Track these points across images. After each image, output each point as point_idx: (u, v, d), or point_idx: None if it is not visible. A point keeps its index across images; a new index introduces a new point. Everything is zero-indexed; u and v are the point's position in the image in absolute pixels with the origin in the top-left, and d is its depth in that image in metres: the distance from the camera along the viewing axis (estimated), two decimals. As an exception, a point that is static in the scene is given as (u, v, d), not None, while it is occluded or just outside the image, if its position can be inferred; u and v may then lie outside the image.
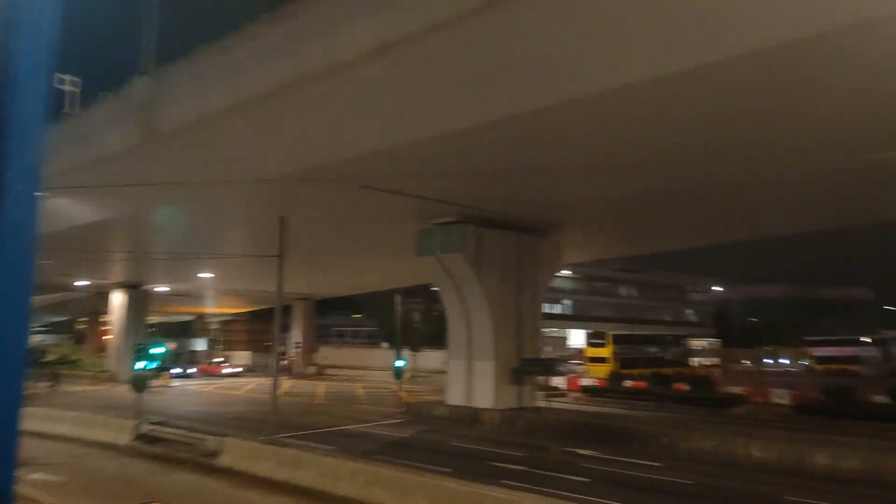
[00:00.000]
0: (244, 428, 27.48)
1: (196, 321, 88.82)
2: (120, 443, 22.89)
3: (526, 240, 29.21)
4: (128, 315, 50.50)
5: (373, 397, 41.48)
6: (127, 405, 35.89)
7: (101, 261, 43.32)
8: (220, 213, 26.27)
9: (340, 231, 29.80)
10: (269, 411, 34.75)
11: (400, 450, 22.61)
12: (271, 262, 45.10)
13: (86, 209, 27.36)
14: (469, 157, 20.27)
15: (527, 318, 29.25)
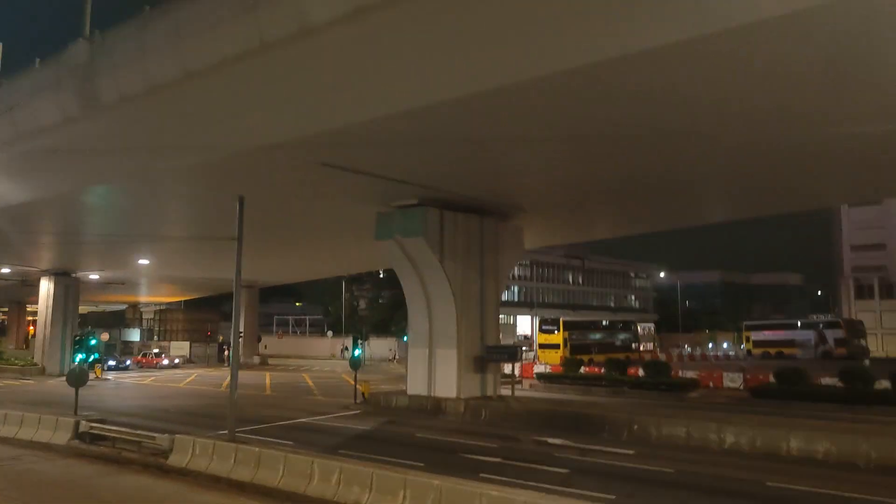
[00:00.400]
0: (192, 423, 25.84)
1: (128, 310, 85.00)
2: (58, 443, 21.01)
3: (488, 224, 28.41)
4: (56, 304, 47.42)
5: (324, 388, 40.14)
6: (60, 401, 33.57)
7: (28, 246, 40.43)
8: (166, 192, 24.39)
9: (295, 214, 28.33)
10: (216, 405, 33.22)
11: (364, 443, 21.51)
12: (214, 248, 43.03)
13: (13, 188, 25.08)
14: (435, 135, 19.26)
15: (489, 304, 28.49)
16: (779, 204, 31.95)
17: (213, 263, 49.31)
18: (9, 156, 21.97)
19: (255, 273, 56.39)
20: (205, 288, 66.55)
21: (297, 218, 29.31)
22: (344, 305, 77.87)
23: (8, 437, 22.15)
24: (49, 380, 44.62)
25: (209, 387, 41.40)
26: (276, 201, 26.40)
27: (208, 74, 17.41)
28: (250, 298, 60.88)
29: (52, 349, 46.62)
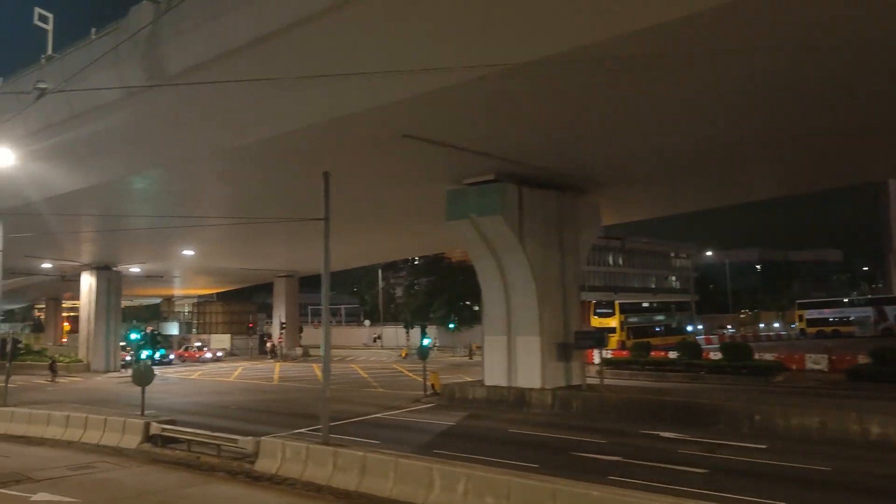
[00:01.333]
0: (259, 421, 24.27)
1: (163, 304, 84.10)
2: (128, 447, 19.44)
3: (566, 200, 26.35)
4: (99, 299, 46.16)
5: (380, 379, 38.45)
6: (114, 399, 32.22)
7: (71, 239, 39.04)
8: (232, 173, 22.57)
9: (359, 198, 26.41)
10: (277, 399, 31.65)
11: (456, 441, 19.69)
12: (260, 237, 41.46)
13: (63, 175, 23.45)
14: (518, 102, 17.37)
15: (570, 287, 26.48)
16: (831, 177, 30.24)
17: (253, 254, 47.87)
18: (63, 139, 20.29)
19: (295, 262, 54.85)
20: (241, 280, 65.22)
21: (360, 202, 27.39)
22: (381, 294, 76.25)
23: (73, 440, 20.63)
24: (96, 376, 43.44)
25: (260, 381, 39.91)
26: (343, 183, 24.51)
27: (284, 37, 15.48)
28: (290, 288, 59.39)
29: (96, 345, 45.41)
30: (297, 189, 24.43)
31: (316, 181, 23.32)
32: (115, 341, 46.33)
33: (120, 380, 41.38)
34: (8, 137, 21.25)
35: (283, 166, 21.90)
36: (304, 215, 22.82)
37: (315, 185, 23.23)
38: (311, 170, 22.03)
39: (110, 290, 46.80)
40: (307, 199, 25.71)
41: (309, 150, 19.94)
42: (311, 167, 21.57)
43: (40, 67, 20.19)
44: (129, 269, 48.68)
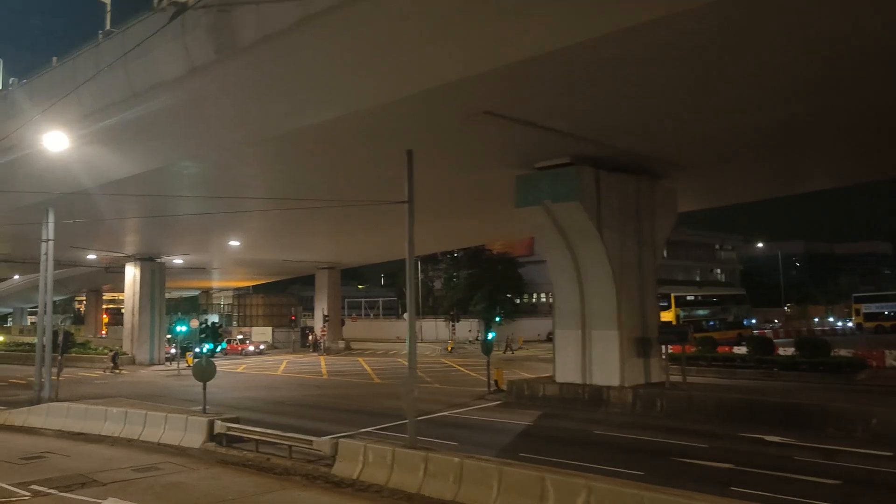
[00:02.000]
0: (321, 418, 23.15)
1: (201, 296, 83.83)
2: (191, 446, 18.34)
3: (643, 185, 24.70)
4: (143, 291, 45.52)
5: (434, 374, 37.12)
6: (164, 393, 31.34)
7: (116, 228, 38.35)
8: (299, 155, 21.25)
9: (421, 181, 24.93)
10: (334, 395, 30.46)
11: (539, 443, 18.26)
12: (303, 228, 40.33)
13: (119, 160, 22.40)
14: (612, 73, 15.88)
15: (648, 278, 24.85)
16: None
17: (296, 245, 46.85)
18: (119, 121, 19.19)
19: (338, 254, 53.82)
20: (279, 272, 64.47)
21: (418, 189, 25.95)
22: (420, 286, 74.92)
23: (132, 438, 19.63)
24: (141, 369, 42.82)
25: (309, 375, 38.84)
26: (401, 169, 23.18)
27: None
28: (332, 280, 58.39)
29: (141, 337, 44.80)
30: (364, 172, 23.17)
31: (384, 163, 22.06)
32: (159, 334, 45.69)
33: (167, 373, 40.69)
34: (62, 120, 20.25)
35: (352, 148, 20.55)
36: (366, 199, 21.59)
37: (384, 168, 22.01)
38: (381, 152, 20.84)
39: (154, 282, 46.14)
40: (372, 182, 24.63)
41: (383, 129, 18.57)
42: (381, 148, 20.35)
43: (97, 44, 19.10)
44: (173, 260, 48.00)
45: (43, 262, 26.80)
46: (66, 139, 20.67)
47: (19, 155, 22.42)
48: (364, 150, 20.71)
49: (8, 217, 29.73)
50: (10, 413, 23.16)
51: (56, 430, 21.34)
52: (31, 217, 31.34)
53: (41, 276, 27.12)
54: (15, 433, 21.32)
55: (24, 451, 18.32)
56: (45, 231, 26.81)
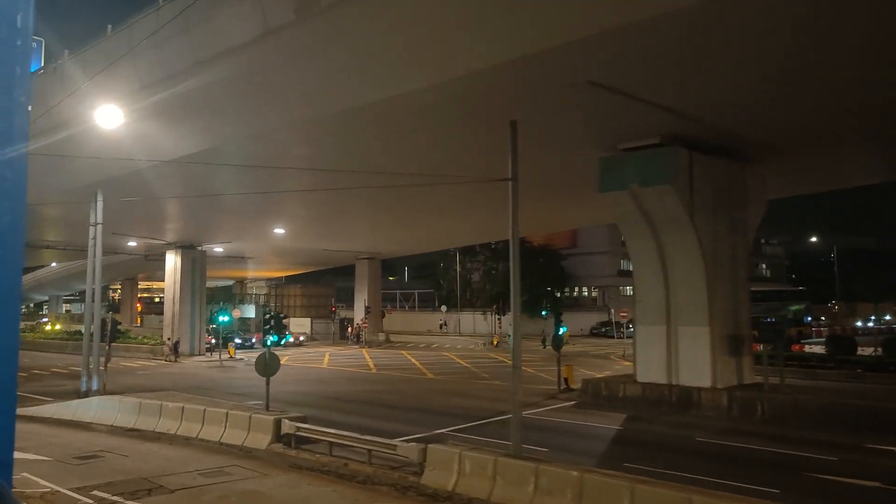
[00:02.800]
0: (382, 416, 21.57)
1: (235, 286, 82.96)
2: (256, 447, 16.83)
3: (735, 169, 22.68)
4: (184, 279, 44.36)
5: (489, 370, 35.40)
6: (212, 386, 29.98)
7: (158, 214, 37.17)
8: (372, 130, 19.49)
9: (495, 160, 23.17)
10: (390, 391, 28.75)
11: (640, 451, 16.43)
12: (350, 214, 38.76)
13: (178, 137, 20.92)
14: (726, 42, 13.99)
15: (740, 269, 22.87)
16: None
17: (338, 234, 45.38)
18: (180, 92, 17.65)
19: (379, 244, 52.28)
20: (316, 262, 63.14)
21: (489, 167, 24.21)
22: (458, 278, 73.29)
23: (190, 436, 18.17)
24: (182, 360, 41.67)
25: (356, 368, 37.33)
26: (481, 146, 21.44)
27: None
28: (373, 271, 56.88)
29: (181, 327, 43.67)
30: (448, 149, 21.44)
31: (468, 140, 20.34)
32: (200, 323, 44.54)
33: (209, 364, 39.49)
34: (116, 94, 18.83)
35: (441, 122, 18.77)
36: (461, 177, 19.94)
37: (467, 143, 20.30)
38: (465, 127, 19.13)
39: (195, 271, 44.96)
40: (452, 160, 22.82)
41: (475, 100, 16.81)
42: (466, 123, 18.66)
43: (157, 8, 17.56)
44: (213, 248, 46.81)
45: (91, 247, 25.55)
46: (121, 114, 19.28)
47: (69, 133, 21.02)
48: (451, 125, 19.00)
49: (54, 200, 28.50)
50: (57, 406, 21.91)
51: (108, 425, 20.02)
52: (78, 200, 30.24)
53: (89, 261, 25.89)
54: (65, 428, 20.02)
55: (78, 448, 16.97)
56: (93, 214, 25.54)
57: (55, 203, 29.84)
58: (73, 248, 46.70)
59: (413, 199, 33.64)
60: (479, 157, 21.62)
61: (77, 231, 41.44)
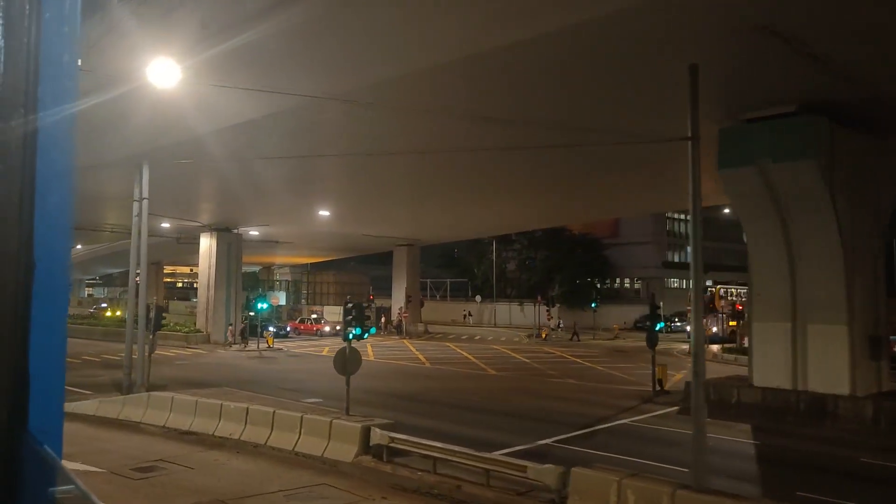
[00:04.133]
0: (465, 421, 18.98)
1: (262, 272, 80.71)
2: (341, 459, 14.29)
3: (874, 144, 19.74)
4: (220, 264, 41.95)
5: (555, 367, 32.70)
6: (256, 378, 27.44)
7: (195, 193, 34.77)
8: (494, 82, 16.54)
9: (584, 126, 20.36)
10: (456, 389, 25.99)
11: (801, 475, 13.74)
12: (392, 198, 36.13)
13: (239, 98, 18.27)
14: None
15: (879, 260, 19.96)
16: None
17: (379, 218, 42.78)
18: (250, 41, 14.98)
19: (418, 229, 49.54)
20: (355, 247, 60.53)
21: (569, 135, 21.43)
22: (494, 268, 70.50)
23: (258, 443, 15.65)
24: (218, 349, 39.34)
25: (405, 361, 34.75)
26: (582, 109, 18.66)
27: None
28: (412, 258, 54.22)
29: (216, 314, 41.33)
30: (574, 102, 18.60)
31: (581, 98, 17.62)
32: (236, 311, 42.16)
33: (247, 354, 37.10)
34: (172, 47, 16.22)
35: (565, 71, 15.95)
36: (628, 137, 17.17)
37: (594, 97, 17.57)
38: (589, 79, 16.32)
39: (230, 255, 42.54)
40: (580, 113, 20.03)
41: (611, 44, 14.01)
42: (590, 75, 15.81)
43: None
44: (249, 231, 44.37)
45: (135, 225, 23.16)
46: (178, 70, 16.71)
47: (114, 95, 18.40)
48: (573, 76, 16.15)
49: (91, 175, 26.07)
50: (100, 402, 19.47)
51: (159, 426, 17.57)
52: (116, 174, 27.80)
53: (133, 240, 23.48)
54: (112, 429, 17.59)
55: (133, 457, 14.50)
56: (137, 188, 23.10)
57: (85, 179, 27.39)
58: (97, 230, 44.40)
59: (471, 179, 31.01)
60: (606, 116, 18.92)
61: (103, 210, 39.12)
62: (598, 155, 22.25)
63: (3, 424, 1.02)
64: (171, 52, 15.84)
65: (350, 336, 16.02)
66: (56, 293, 1.08)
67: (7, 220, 1.03)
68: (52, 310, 1.07)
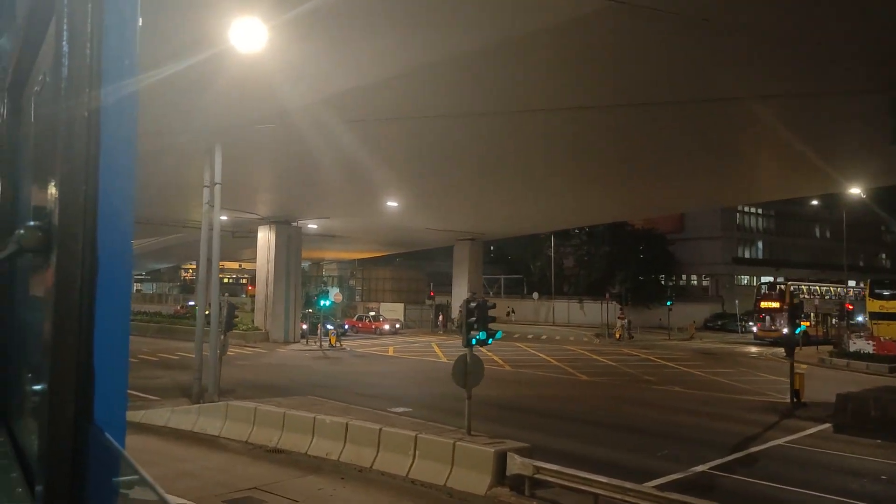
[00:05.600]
0: (584, 438, 16.35)
1: (311, 268, 79.02)
2: (472, 491, 11.80)
3: None
4: (279, 258, 39.93)
5: (643, 369, 29.87)
6: (325, 381, 25.07)
7: (265, 183, 32.78)
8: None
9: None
10: (551, 397, 23.18)
11: None
12: (464, 188, 33.63)
13: (342, 62, 15.93)
14: None
15: None
16: None
17: (450, 210, 40.35)
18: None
19: (482, 222, 46.94)
20: (412, 243, 58.19)
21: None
22: (552, 264, 67.58)
23: (363, 466, 13.29)
24: (278, 348, 37.33)
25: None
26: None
27: None
28: (474, 253, 51.65)
29: (275, 311, 39.32)
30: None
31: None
32: (295, 307, 40.13)
33: (311, 354, 34.98)
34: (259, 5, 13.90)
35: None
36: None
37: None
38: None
39: (290, 249, 40.47)
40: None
41: None
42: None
43: None
44: (308, 225, 42.31)
45: (205, 213, 21.03)
46: (264, 31, 14.54)
47: (188, 64, 16.15)
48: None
49: (147, 164, 24.07)
50: (172, 412, 17.30)
51: (241, 441, 15.33)
52: (174, 161, 25.91)
53: (203, 230, 21.41)
54: (189, 444, 15.38)
55: (221, 482, 12.25)
56: (207, 173, 20.99)
57: (141, 169, 25.41)
58: (145, 222, 42.70)
59: (544, 167, 28.52)
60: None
61: (154, 201, 37.13)
62: (674, 143, 19.58)
63: (71, 417, 1.05)
64: (257, 9, 13.61)
65: (473, 341, 13.49)
66: (118, 291, 1.08)
67: (72, 222, 1.05)
68: (114, 307, 1.07)
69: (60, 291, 1.05)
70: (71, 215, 1.04)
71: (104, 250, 1.05)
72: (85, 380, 1.05)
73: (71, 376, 1.04)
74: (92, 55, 1.05)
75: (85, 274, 1.04)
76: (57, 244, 1.06)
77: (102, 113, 1.06)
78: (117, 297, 1.08)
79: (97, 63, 1.05)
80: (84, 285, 1.05)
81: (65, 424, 1.04)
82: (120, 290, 1.09)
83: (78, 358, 1.05)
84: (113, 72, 1.06)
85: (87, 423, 1.05)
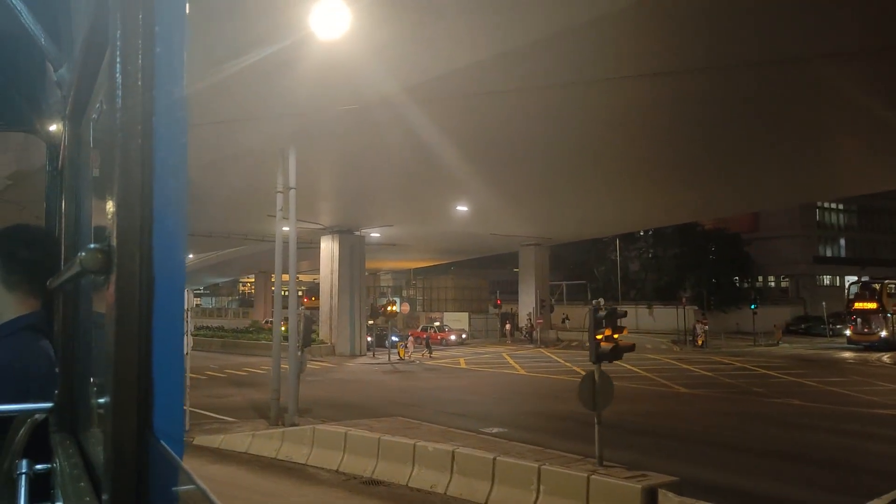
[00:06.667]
0: (738, 469, 14.18)
1: (367, 278, 78.03)
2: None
3: None
4: (342, 269, 38.72)
5: (743, 379, 27.43)
6: (405, 399, 23.49)
7: (329, 191, 31.59)
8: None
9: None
10: (660, 412, 21.10)
11: None
12: (539, 188, 31.74)
13: (448, 39, 14.36)
14: None
15: None
16: None
17: (517, 214, 38.52)
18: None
19: (549, 226, 44.87)
20: (473, 250, 56.45)
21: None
22: (618, 269, 64.92)
23: (475, 501, 11.51)
24: (345, 362, 35.98)
25: (563, 376, 30.04)
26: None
27: None
28: (540, 259, 49.65)
29: (340, 323, 38.05)
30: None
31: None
32: (360, 319, 38.81)
33: (380, 367, 33.50)
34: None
35: None
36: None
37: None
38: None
39: (353, 259, 39.24)
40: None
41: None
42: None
43: None
44: (370, 234, 41.01)
45: (279, 221, 19.70)
46: (347, 14, 13.21)
47: (263, 55, 14.73)
48: None
49: (219, 172, 22.99)
50: (252, 436, 15.84)
51: (332, 470, 13.74)
52: (236, 170, 24.79)
53: (277, 239, 20.12)
54: (275, 475, 13.85)
55: (321, 526, 10.64)
56: (280, 178, 19.68)
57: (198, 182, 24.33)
58: (206, 235, 41.93)
59: (617, 167, 26.65)
60: None
61: (211, 213, 36.10)
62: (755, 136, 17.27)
63: (133, 428, 1.08)
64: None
65: (599, 357, 11.62)
66: (173, 307, 1.11)
67: (129, 243, 1.08)
68: (170, 323, 1.10)
69: (121, 309, 1.07)
70: (128, 237, 1.07)
71: (159, 269, 1.07)
72: (145, 392, 1.06)
73: (133, 389, 1.05)
74: (143, 85, 1.07)
75: (142, 292, 1.06)
76: (116, 265, 1.08)
77: (155, 138, 1.07)
78: (172, 313, 1.09)
79: (149, 92, 1.07)
80: (142, 303, 1.06)
81: (129, 436, 1.05)
82: (174, 307, 1.10)
83: (139, 371, 1.06)
84: (163, 100, 1.08)
85: (148, 434, 1.06)
